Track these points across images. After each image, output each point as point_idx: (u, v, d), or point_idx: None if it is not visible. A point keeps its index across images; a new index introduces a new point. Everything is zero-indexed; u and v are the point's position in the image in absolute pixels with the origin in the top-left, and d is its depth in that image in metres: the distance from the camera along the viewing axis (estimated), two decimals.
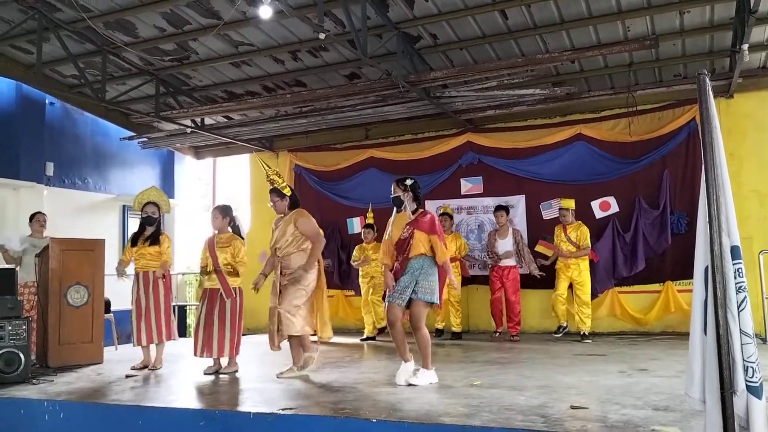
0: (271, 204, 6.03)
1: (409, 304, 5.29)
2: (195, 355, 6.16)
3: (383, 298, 5.98)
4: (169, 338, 6.64)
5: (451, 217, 9.15)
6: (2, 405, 5.05)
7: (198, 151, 12.33)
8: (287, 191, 5.99)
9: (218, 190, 13.29)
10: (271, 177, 6.02)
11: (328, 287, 10.38)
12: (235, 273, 6.24)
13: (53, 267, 6.86)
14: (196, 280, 13.06)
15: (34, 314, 7.02)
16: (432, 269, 5.30)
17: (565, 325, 8.42)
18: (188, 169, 13.30)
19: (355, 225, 10.52)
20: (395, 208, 5.52)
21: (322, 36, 6.54)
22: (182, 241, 12.69)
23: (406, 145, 10.40)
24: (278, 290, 5.82)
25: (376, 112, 9.14)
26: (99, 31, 7.89)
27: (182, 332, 11.37)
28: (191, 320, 12.37)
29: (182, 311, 11.67)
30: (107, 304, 8.03)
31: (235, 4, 6.97)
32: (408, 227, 5.34)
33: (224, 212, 6.42)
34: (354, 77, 9.16)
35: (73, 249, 7.09)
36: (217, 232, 6.42)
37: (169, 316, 6.61)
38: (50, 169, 10.17)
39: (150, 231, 6.69)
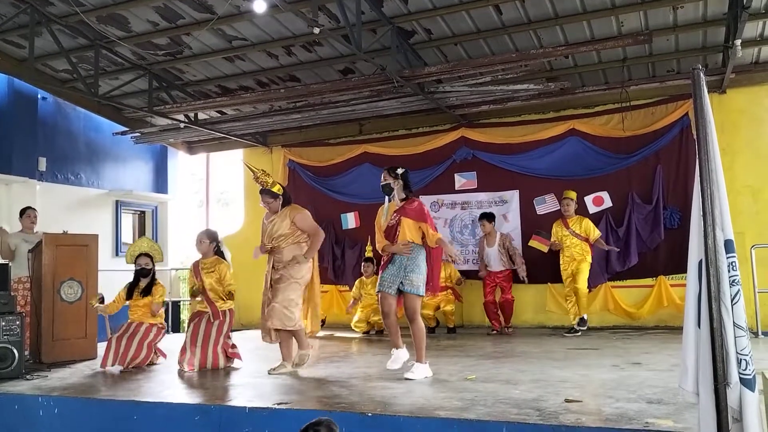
0: (264, 204, 5.93)
1: (402, 296, 5.31)
2: (180, 366, 6.05)
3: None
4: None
5: None
6: None
7: (191, 147, 12.28)
8: (278, 189, 5.91)
9: (211, 185, 13.27)
10: (261, 178, 5.87)
11: (322, 283, 10.46)
12: (229, 297, 6.26)
13: (46, 262, 6.84)
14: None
15: (29, 309, 7.00)
16: (420, 258, 5.28)
17: (576, 328, 8.26)
18: (181, 164, 13.27)
19: (350, 220, 10.53)
20: (386, 198, 5.43)
21: (316, 31, 6.53)
22: (175, 237, 12.67)
23: (400, 140, 10.40)
24: (269, 284, 5.79)
25: (371, 107, 9.13)
26: (92, 26, 7.86)
27: (176, 328, 11.36)
28: (185, 315, 12.35)
29: (176, 307, 11.65)
30: (101, 299, 7.99)
31: None
32: (395, 214, 5.33)
33: (211, 237, 6.42)
34: (348, 72, 9.15)
35: (67, 244, 7.07)
36: (201, 256, 6.39)
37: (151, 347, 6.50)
38: (43, 164, 10.12)
39: (145, 282, 6.60)
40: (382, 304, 5.32)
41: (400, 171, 5.42)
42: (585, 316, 8.27)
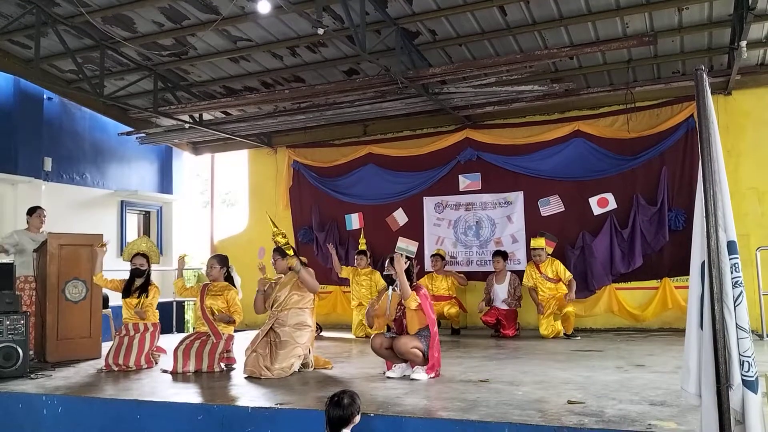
0: (272, 262, 6.13)
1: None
2: (175, 371, 5.94)
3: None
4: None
5: (443, 258, 9.30)
6: (1, 399, 5.05)
7: (196, 147, 12.32)
8: (290, 252, 6.03)
9: (216, 185, 13.29)
10: (276, 238, 6.08)
11: (326, 282, 10.48)
12: (231, 321, 6.25)
13: (51, 262, 6.86)
14: (194, 275, 13.09)
15: (33, 309, 7.03)
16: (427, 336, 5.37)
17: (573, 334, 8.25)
18: (186, 164, 13.29)
19: (353, 221, 10.55)
20: (389, 288, 5.49)
21: (320, 31, 6.53)
22: (180, 237, 12.70)
23: (404, 141, 10.41)
24: (264, 336, 5.78)
25: (375, 108, 9.13)
26: (97, 26, 7.89)
27: (180, 328, 11.39)
28: (189, 316, 12.38)
29: (180, 307, 11.67)
30: (105, 299, 8.03)
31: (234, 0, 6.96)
32: (399, 307, 5.45)
33: (222, 262, 6.45)
34: (352, 73, 9.15)
35: (72, 244, 7.09)
36: (211, 280, 6.40)
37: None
38: (48, 164, 10.17)
39: (139, 282, 6.60)
40: (373, 341, 5.48)
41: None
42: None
